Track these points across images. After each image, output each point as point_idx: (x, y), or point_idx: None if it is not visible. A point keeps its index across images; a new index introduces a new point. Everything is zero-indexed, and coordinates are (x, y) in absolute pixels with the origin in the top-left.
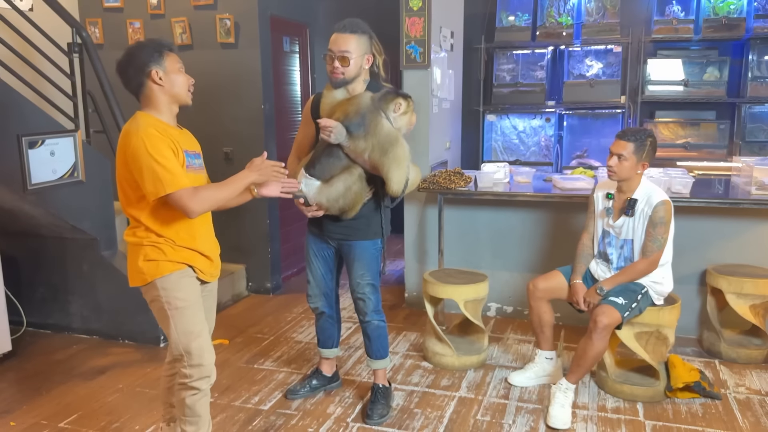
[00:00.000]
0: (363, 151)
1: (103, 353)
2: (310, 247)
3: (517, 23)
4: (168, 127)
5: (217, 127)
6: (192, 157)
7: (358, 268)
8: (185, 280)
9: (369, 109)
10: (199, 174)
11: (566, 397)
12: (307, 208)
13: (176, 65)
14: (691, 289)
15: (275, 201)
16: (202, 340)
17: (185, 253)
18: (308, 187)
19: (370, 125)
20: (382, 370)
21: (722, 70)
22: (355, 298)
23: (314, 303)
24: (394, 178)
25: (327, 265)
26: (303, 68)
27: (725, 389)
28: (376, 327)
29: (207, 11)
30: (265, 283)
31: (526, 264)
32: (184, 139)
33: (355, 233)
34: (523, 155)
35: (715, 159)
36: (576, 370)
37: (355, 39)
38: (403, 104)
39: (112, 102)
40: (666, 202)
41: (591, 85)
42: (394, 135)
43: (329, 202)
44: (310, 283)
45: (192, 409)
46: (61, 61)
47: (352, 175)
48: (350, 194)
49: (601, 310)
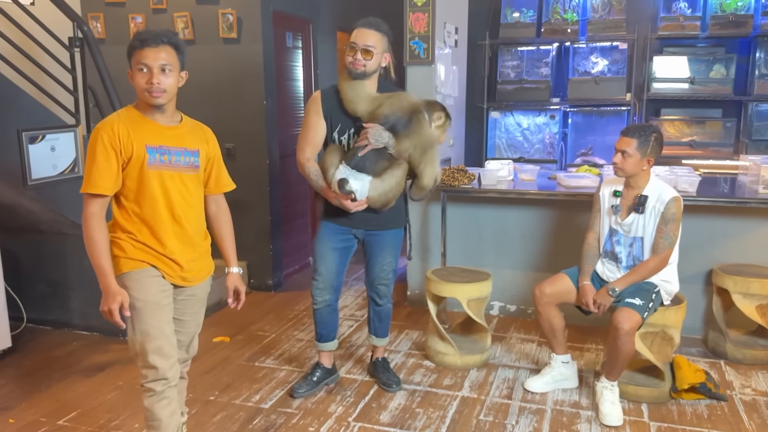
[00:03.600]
0: (405, 151)
1: (103, 350)
2: (327, 240)
3: (522, 19)
4: (145, 121)
5: (219, 122)
6: (164, 153)
7: (386, 255)
8: (147, 280)
9: (417, 109)
10: (173, 171)
11: (614, 394)
12: (354, 203)
13: (137, 65)
14: (697, 288)
15: (276, 197)
16: (159, 342)
17: (146, 252)
18: (359, 182)
19: (416, 125)
20: (384, 346)
21: (729, 68)
22: (377, 284)
23: (321, 296)
24: (428, 174)
25: (342, 258)
26: (306, 64)
27: (731, 390)
28: (388, 309)
29: (209, 6)
30: (266, 280)
31: (530, 262)
32: (163, 135)
33: (389, 222)
34: (527, 152)
35: (722, 157)
36: (612, 370)
37: (378, 36)
38: (443, 119)
39: (113, 97)
40: (677, 199)
41: (596, 82)
42: (434, 137)
43: (379, 196)
44: (322, 275)
45: (151, 412)
46: (62, 55)
47: (402, 170)
48: (398, 189)
49: (621, 314)
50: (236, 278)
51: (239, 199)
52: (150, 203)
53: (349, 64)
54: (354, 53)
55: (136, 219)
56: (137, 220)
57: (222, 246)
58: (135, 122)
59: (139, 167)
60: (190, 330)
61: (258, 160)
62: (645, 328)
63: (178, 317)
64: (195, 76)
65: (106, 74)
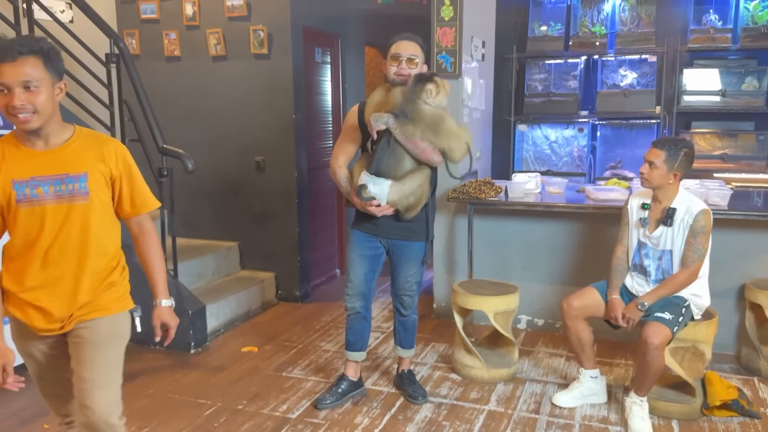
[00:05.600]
0: (412, 135)
1: (134, 359)
2: (357, 247)
3: (550, 33)
4: (18, 150)
5: (249, 136)
6: (36, 185)
7: (411, 267)
8: (16, 333)
9: (405, 101)
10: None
11: (643, 409)
12: (378, 208)
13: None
14: (729, 303)
15: (305, 209)
16: (50, 398)
17: (12, 298)
18: (377, 187)
19: (411, 113)
20: (410, 358)
21: (761, 80)
22: (401, 294)
23: (352, 302)
24: (454, 147)
25: (372, 266)
26: (334, 79)
27: (765, 408)
28: (414, 320)
29: (241, 22)
30: (294, 291)
31: (558, 276)
32: (37, 164)
33: (413, 234)
34: (555, 165)
35: (754, 171)
36: (641, 385)
37: (418, 47)
38: (433, 88)
39: (147, 111)
40: (706, 211)
41: (625, 95)
42: (438, 113)
43: (401, 199)
44: (352, 282)
45: None
46: (98, 70)
47: (423, 174)
48: (420, 192)
49: (650, 329)
50: (165, 312)
51: (268, 211)
52: (23, 244)
53: (394, 74)
54: (398, 63)
55: (14, 263)
56: (15, 264)
57: (147, 274)
58: (9, 153)
59: (7, 205)
60: (79, 385)
61: (287, 172)
62: (675, 342)
63: (74, 364)
64: (226, 91)
65: (141, 89)
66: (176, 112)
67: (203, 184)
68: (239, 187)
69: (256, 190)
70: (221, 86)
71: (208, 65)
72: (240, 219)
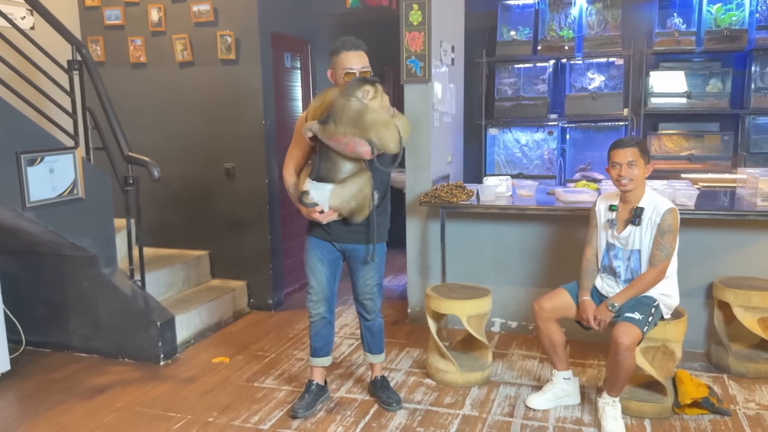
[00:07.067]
0: (335, 133)
1: (102, 372)
2: (314, 253)
3: (518, 37)
4: None
5: (219, 143)
6: None
7: (368, 270)
8: None
9: (336, 98)
10: None
11: (615, 410)
12: (322, 214)
13: None
14: (698, 302)
15: (276, 217)
16: None
17: None
18: (319, 192)
19: (336, 111)
20: (381, 363)
21: (725, 82)
22: (362, 299)
23: (316, 308)
24: (384, 135)
25: (331, 270)
26: (304, 84)
27: (734, 405)
28: (379, 324)
29: (208, 28)
30: (266, 299)
31: (530, 278)
32: None
33: (362, 237)
34: (525, 168)
35: (720, 171)
36: (613, 385)
37: (365, 55)
38: (371, 90)
39: (112, 119)
40: (673, 210)
41: (593, 98)
42: (360, 106)
43: (342, 204)
44: (314, 288)
45: None
46: (61, 78)
47: (363, 178)
48: (361, 195)
49: (620, 329)
50: None
51: (238, 219)
52: None
53: None
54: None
55: None
56: None
57: None
58: None
59: None
60: None
61: (257, 179)
62: (646, 342)
63: None
64: (194, 97)
65: (105, 96)
66: (143, 119)
67: (172, 193)
68: (209, 195)
69: (226, 198)
70: (189, 93)
71: (175, 71)
72: (210, 227)
